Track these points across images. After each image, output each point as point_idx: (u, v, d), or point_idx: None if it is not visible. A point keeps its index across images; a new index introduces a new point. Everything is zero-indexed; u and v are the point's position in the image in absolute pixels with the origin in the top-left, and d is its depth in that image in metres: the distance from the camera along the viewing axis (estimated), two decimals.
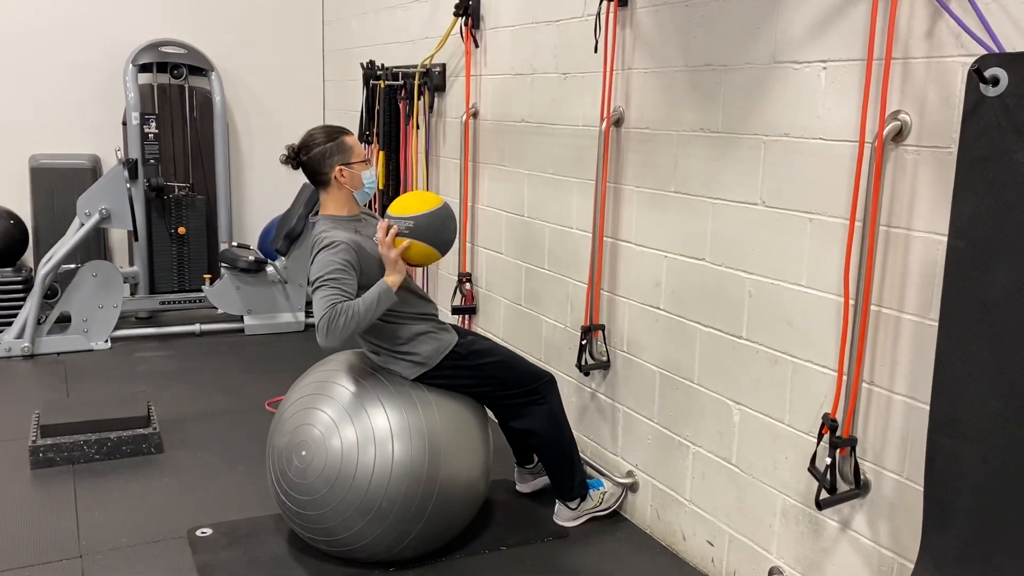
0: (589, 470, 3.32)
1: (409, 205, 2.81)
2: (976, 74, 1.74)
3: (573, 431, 3.12)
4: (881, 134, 2.08)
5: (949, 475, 1.88)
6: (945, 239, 1.89)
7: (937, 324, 1.90)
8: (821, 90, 2.30)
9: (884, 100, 2.08)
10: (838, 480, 2.25)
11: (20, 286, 5.24)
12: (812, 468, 2.33)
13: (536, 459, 3.31)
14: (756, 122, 2.52)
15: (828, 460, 2.24)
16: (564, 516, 3.13)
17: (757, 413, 2.60)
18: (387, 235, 2.72)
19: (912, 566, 2.07)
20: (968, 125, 1.78)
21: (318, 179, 2.87)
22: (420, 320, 2.89)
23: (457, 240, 4.31)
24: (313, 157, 2.83)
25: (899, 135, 2.08)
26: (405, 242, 2.74)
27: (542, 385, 3.03)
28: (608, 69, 3.07)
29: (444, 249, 2.86)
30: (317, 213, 2.93)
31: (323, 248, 2.72)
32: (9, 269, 5.33)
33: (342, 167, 2.83)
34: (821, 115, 2.30)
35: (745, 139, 2.56)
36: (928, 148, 2.03)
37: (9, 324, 5.06)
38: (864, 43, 2.15)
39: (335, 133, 2.87)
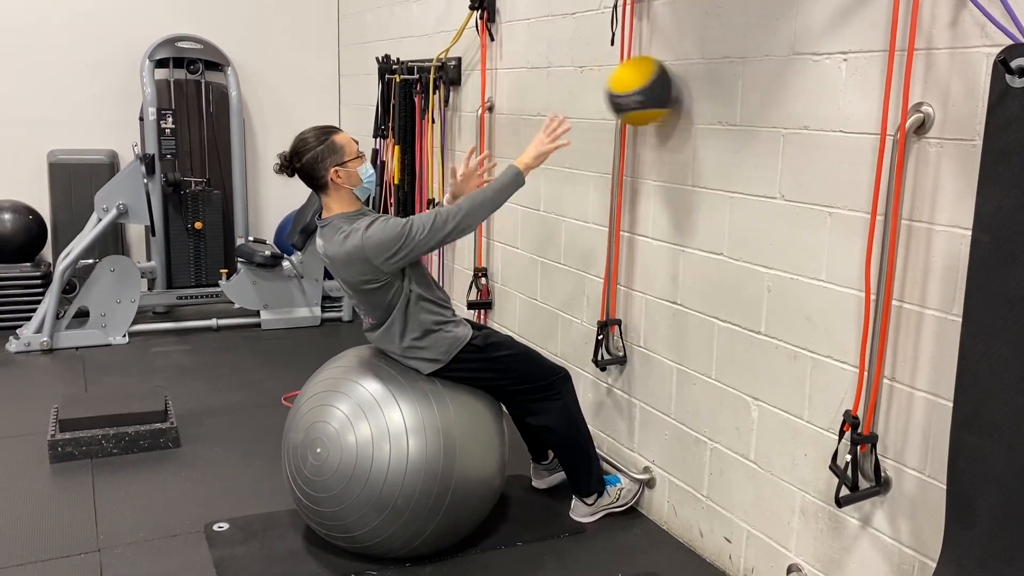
0: (606, 466, 3.31)
1: (627, 79, 2.81)
2: (1002, 64, 1.71)
3: (589, 427, 3.11)
4: (903, 126, 2.05)
5: (972, 473, 1.85)
6: (969, 233, 1.86)
7: (960, 319, 1.87)
8: (842, 82, 2.26)
9: (906, 92, 2.05)
10: (859, 477, 2.23)
11: (39, 281, 5.28)
12: (832, 465, 2.30)
13: (552, 455, 3.29)
14: (775, 115, 2.49)
15: (848, 457, 2.21)
16: (581, 512, 3.11)
17: (776, 409, 2.57)
18: (558, 127, 2.86)
19: (934, 565, 2.05)
20: (993, 117, 1.75)
21: (315, 184, 2.81)
22: (440, 309, 2.87)
23: (472, 235, 4.32)
24: (306, 163, 2.77)
25: (922, 127, 2.05)
26: (563, 141, 2.89)
27: (557, 380, 3.01)
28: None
29: (679, 109, 2.86)
30: (321, 216, 2.88)
31: (369, 225, 2.69)
32: (28, 264, 5.37)
33: (337, 168, 2.76)
34: (842, 107, 2.27)
35: (764, 132, 2.53)
36: (951, 140, 1.99)
37: (28, 319, 5.10)
38: (886, 34, 2.12)
39: (324, 134, 2.79)
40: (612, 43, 3.10)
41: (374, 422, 2.69)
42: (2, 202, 5.42)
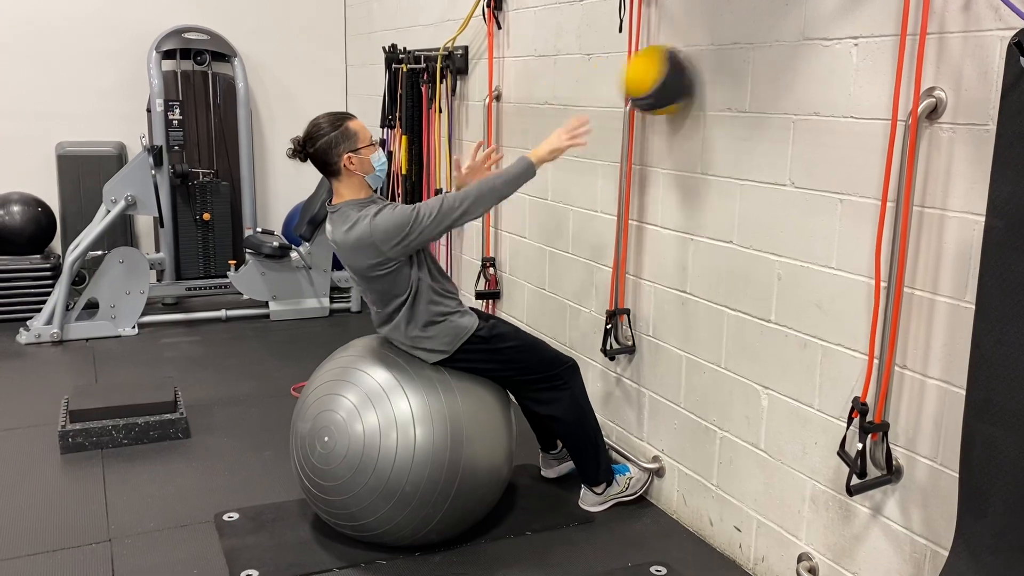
0: (615, 455, 3.30)
1: (636, 80, 2.77)
2: (1016, 48, 1.68)
3: (598, 416, 3.10)
4: (915, 112, 2.03)
5: (985, 461, 1.83)
6: (982, 219, 1.83)
7: (973, 306, 1.85)
8: (853, 67, 2.24)
9: (918, 76, 2.03)
10: (869, 466, 2.21)
11: (48, 273, 5.30)
12: (843, 453, 2.29)
13: (560, 445, 3.29)
14: (785, 101, 2.46)
15: (859, 445, 2.20)
16: (590, 501, 3.11)
17: (786, 398, 2.56)
18: (580, 127, 2.84)
19: (945, 554, 2.03)
20: (1007, 101, 1.73)
21: (328, 169, 2.81)
22: (444, 299, 2.86)
23: (480, 224, 4.30)
24: (319, 148, 2.77)
25: (934, 112, 2.02)
26: (582, 140, 2.84)
27: (565, 370, 3.00)
28: (633, 49, 3.02)
29: (694, 95, 2.81)
30: (331, 202, 2.89)
31: (377, 213, 2.69)
32: (37, 256, 5.39)
33: (350, 154, 2.77)
34: (853, 93, 2.24)
35: (774, 118, 2.51)
36: (964, 125, 1.97)
37: (38, 311, 5.12)
38: (897, 18, 2.09)
39: (338, 120, 2.80)
40: (620, 30, 3.08)
41: (381, 411, 2.68)
42: (11, 195, 5.44)
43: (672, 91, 2.78)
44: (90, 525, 2.97)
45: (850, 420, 2.25)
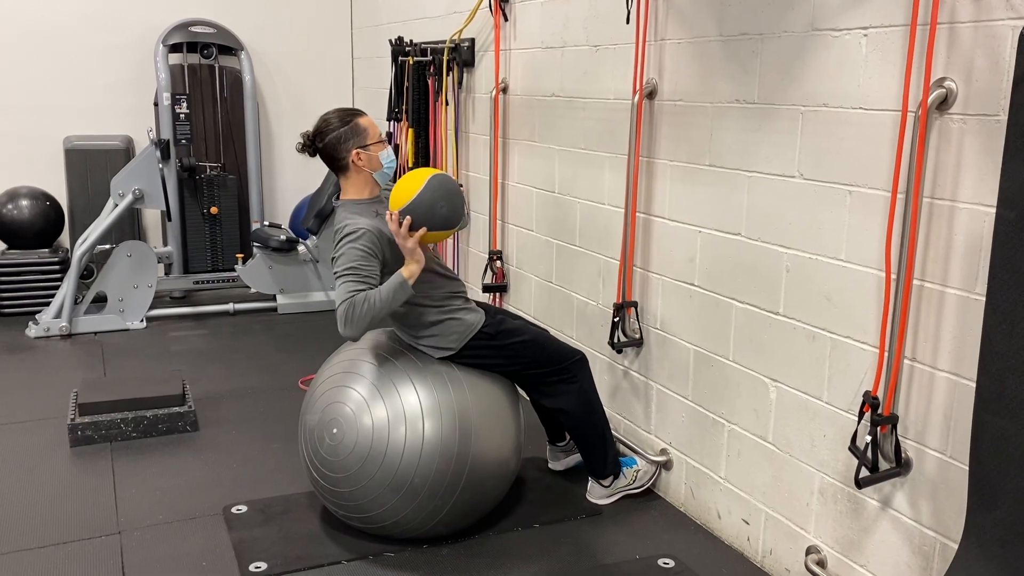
0: (622, 448, 3.30)
1: (397, 196, 2.70)
2: None
3: (606, 409, 3.10)
4: (925, 102, 2.01)
5: (996, 454, 1.82)
6: (992, 210, 1.82)
7: (984, 298, 1.84)
8: (862, 58, 2.22)
9: (929, 67, 2.01)
10: (878, 458, 2.21)
11: (57, 267, 5.32)
12: (852, 446, 2.28)
13: (568, 437, 3.29)
14: (794, 92, 2.45)
15: (868, 438, 2.19)
16: (597, 494, 3.11)
17: (794, 390, 2.55)
18: (400, 227, 2.65)
19: (955, 546, 2.03)
20: (1019, 91, 1.71)
21: (336, 164, 2.83)
22: (446, 301, 2.87)
23: (487, 217, 4.30)
24: (328, 143, 2.79)
25: (944, 103, 2.01)
26: (421, 230, 2.67)
27: (573, 364, 3.00)
28: (640, 40, 3.01)
29: (446, 225, 2.73)
30: (339, 197, 2.91)
31: (344, 237, 2.70)
32: (46, 250, 5.41)
33: (359, 150, 2.78)
34: (862, 84, 2.23)
35: (782, 110, 2.50)
36: (975, 116, 1.95)
37: (47, 304, 5.14)
38: (907, 8, 2.07)
39: (348, 116, 2.82)
40: (628, 21, 3.07)
41: (390, 404, 2.69)
42: (20, 189, 5.45)
43: (425, 214, 2.66)
44: (100, 517, 2.98)
45: (860, 413, 2.24)
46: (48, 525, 2.93)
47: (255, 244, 5.51)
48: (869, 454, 2.19)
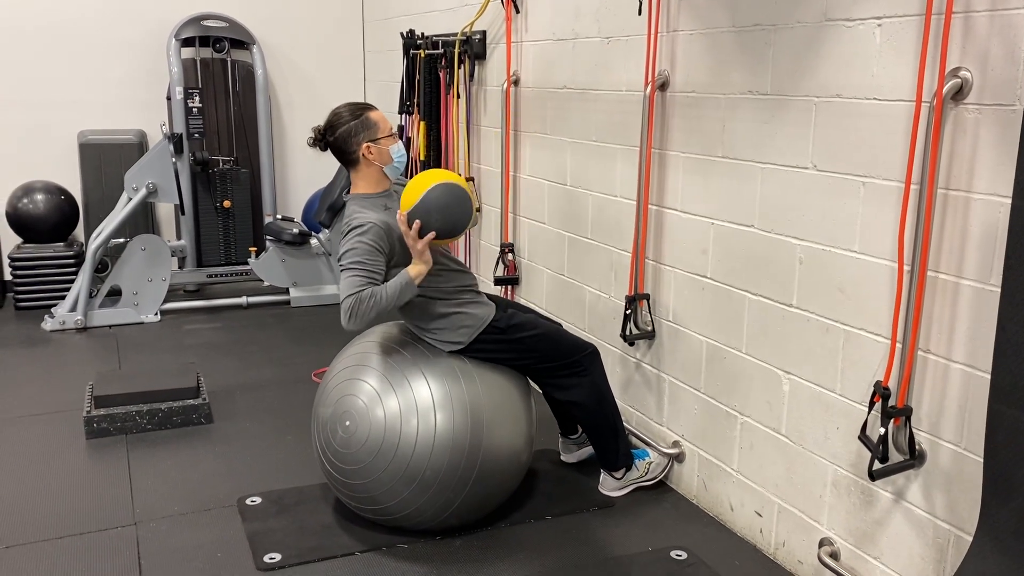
0: (635, 440, 3.30)
1: (405, 199, 2.70)
2: None
3: (618, 402, 3.10)
4: (940, 93, 2.00)
5: (1011, 445, 1.81)
6: (1008, 201, 1.81)
7: (999, 289, 1.83)
8: (876, 48, 2.21)
9: (943, 57, 2.00)
10: (892, 450, 2.20)
11: (72, 260, 5.36)
12: (864, 438, 2.27)
13: (580, 429, 3.29)
14: (807, 83, 2.44)
15: (881, 430, 2.18)
16: (609, 486, 3.11)
17: (807, 382, 2.54)
18: (410, 228, 2.66)
19: (969, 539, 2.02)
20: None
21: (346, 158, 2.84)
22: (456, 294, 2.87)
23: (499, 210, 4.30)
24: (339, 137, 2.80)
25: (959, 93, 1.99)
26: (430, 235, 2.67)
27: (584, 357, 3.00)
28: (652, 31, 3.00)
29: (452, 233, 2.73)
30: (349, 191, 2.91)
31: (352, 230, 2.70)
32: (61, 244, 5.44)
33: (369, 144, 2.79)
34: (876, 74, 2.22)
35: (795, 101, 2.48)
36: (990, 106, 1.94)
37: (62, 298, 5.17)
38: None
39: (359, 110, 2.83)
40: (640, 12, 3.06)
41: (402, 397, 2.70)
42: (35, 183, 5.49)
43: (434, 218, 2.66)
44: (116, 509, 3.01)
45: (871, 404, 2.23)
46: (65, 516, 2.95)
47: (268, 237, 5.53)
48: (882, 446, 2.18)
